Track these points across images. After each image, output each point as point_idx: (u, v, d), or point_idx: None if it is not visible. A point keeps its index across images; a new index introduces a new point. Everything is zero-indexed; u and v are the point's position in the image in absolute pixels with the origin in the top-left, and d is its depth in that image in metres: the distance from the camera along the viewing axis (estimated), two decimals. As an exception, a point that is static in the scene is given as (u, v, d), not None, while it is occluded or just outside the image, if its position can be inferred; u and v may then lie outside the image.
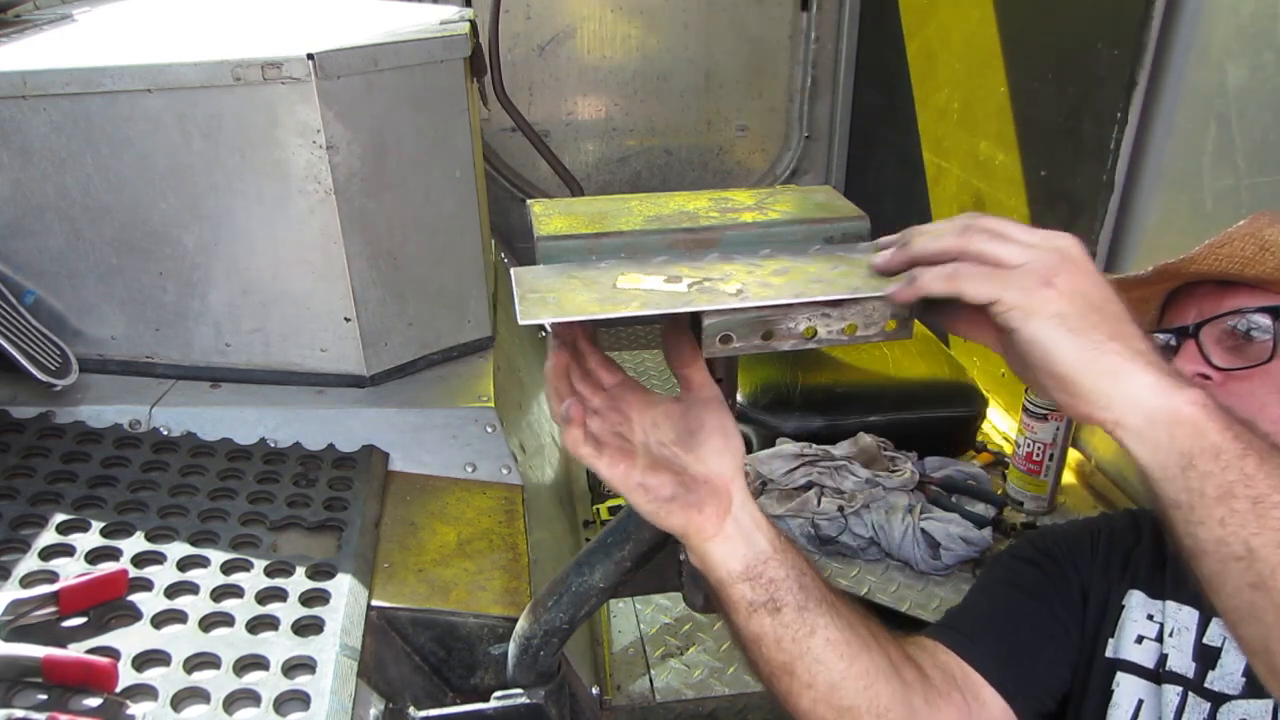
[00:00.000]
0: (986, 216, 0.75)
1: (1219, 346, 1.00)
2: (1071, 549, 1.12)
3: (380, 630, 1.15)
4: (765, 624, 0.86)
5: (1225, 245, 1.00)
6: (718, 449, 0.84)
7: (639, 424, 0.85)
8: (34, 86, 1.32)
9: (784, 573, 0.86)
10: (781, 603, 0.85)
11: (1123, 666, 1.04)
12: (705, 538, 0.84)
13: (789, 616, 0.86)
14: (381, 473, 1.40)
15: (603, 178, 3.41)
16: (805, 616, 0.86)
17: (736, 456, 0.86)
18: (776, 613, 0.85)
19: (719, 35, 3.29)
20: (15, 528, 1.14)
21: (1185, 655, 1.01)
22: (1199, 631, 1.02)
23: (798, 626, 0.86)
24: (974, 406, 2.30)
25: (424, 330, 1.57)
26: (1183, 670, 1.01)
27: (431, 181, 1.51)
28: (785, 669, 0.88)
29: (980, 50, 2.49)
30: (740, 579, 0.85)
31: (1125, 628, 1.06)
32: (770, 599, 0.85)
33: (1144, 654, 1.04)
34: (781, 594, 0.85)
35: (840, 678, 0.88)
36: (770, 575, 0.85)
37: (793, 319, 0.77)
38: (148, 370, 1.49)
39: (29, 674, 0.90)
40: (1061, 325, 0.69)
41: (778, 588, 0.85)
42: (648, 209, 0.89)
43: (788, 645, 0.86)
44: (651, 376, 2.88)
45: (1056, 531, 1.17)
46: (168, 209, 1.39)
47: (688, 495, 0.82)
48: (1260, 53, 1.68)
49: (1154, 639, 1.04)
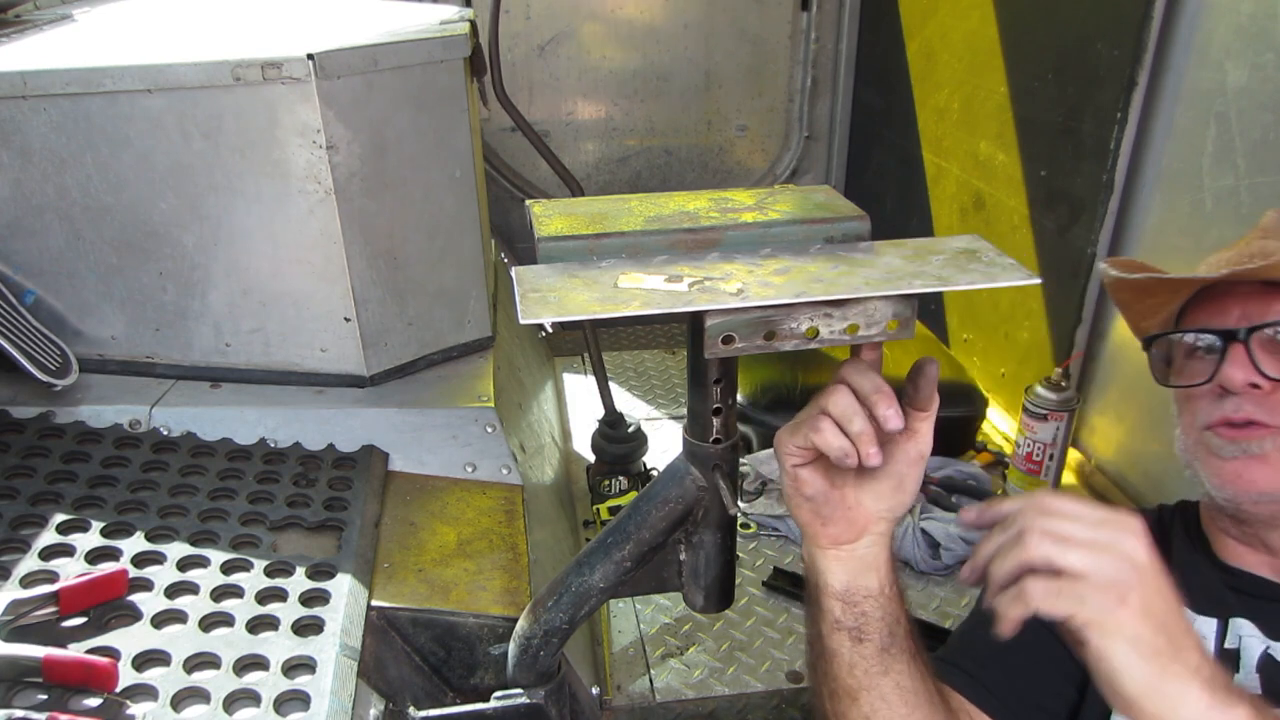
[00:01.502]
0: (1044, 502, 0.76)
1: (1266, 353, 0.97)
2: None
3: (380, 630, 1.15)
4: (845, 645, 0.89)
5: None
6: (883, 495, 0.88)
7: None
8: (34, 86, 1.32)
9: (880, 613, 0.89)
10: (867, 636, 0.89)
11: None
12: (818, 546, 0.89)
13: (869, 650, 0.89)
14: (381, 473, 1.40)
15: (603, 178, 3.41)
16: (884, 658, 0.89)
17: (895, 510, 0.89)
18: (859, 642, 0.89)
19: (719, 35, 3.29)
20: (15, 528, 1.14)
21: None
22: (1219, 639, 1.01)
23: (874, 661, 0.89)
24: (974, 406, 2.30)
25: (424, 330, 1.57)
26: None
27: (431, 181, 1.51)
28: (849, 694, 0.90)
29: (980, 50, 2.49)
30: (836, 596, 0.89)
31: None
32: (858, 628, 0.89)
33: None
34: (870, 628, 0.89)
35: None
36: (865, 609, 0.89)
37: (794, 319, 0.77)
38: (148, 370, 1.49)
39: (29, 674, 0.90)
40: (1133, 650, 0.71)
41: (868, 621, 0.89)
42: (648, 209, 0.89)
43: (860, 675, 0.89)
44: (651, 376, 2.88)
45: None
46: (168, 209, 1.39)
47: (823, 507, 0.86)
48: (1260, 53, 1.68)
49: None
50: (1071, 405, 2.04)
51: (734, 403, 0.94)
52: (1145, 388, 1.99)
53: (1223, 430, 0.99)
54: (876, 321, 0.78)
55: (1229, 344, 0.99)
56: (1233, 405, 0.98)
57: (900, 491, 0.88)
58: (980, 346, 2.62)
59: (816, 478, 0.86)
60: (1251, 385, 0.97)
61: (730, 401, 0.93)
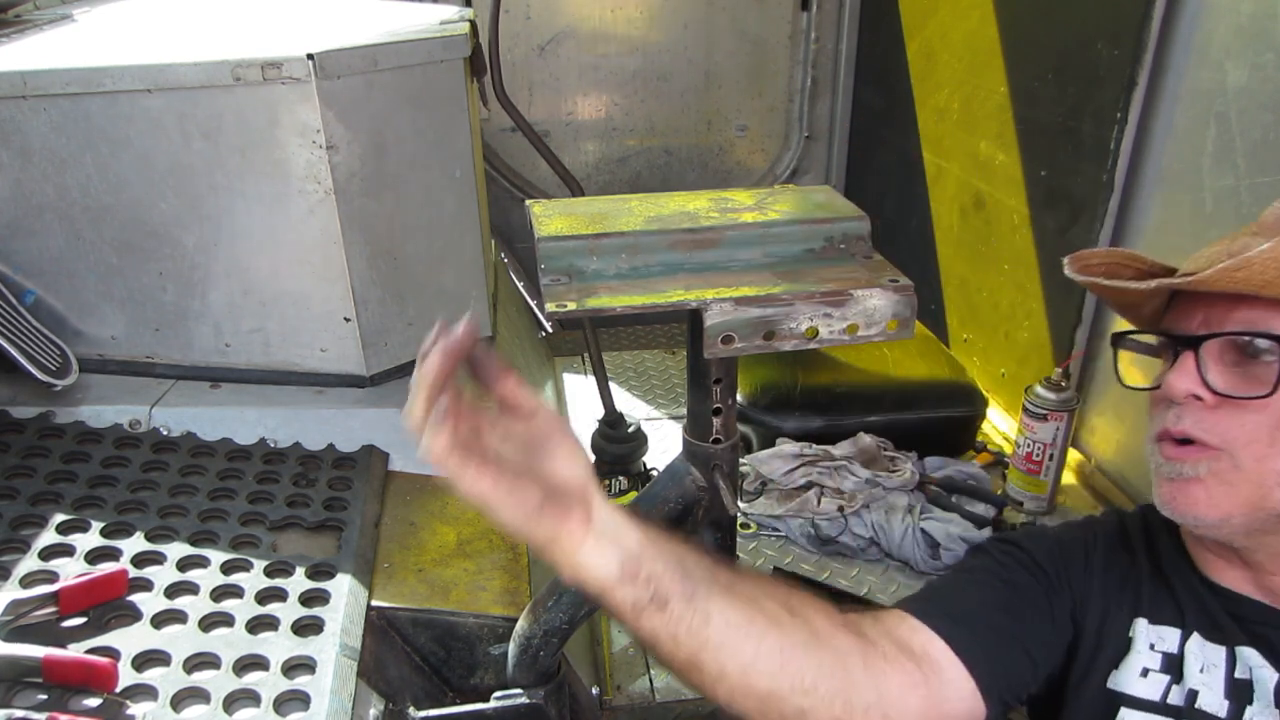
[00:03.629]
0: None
1: (1219, 364, 0.92)
2: (1065, 560, 1.07)
3: (380, 630, 1.15)
4: (656, 622, 0.82)
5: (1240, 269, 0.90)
6: (567, 455, 0.81)
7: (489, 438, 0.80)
8: (34, 86, 1.33)
9: (661, 565, 0.82)
10: (666, 596, 0.82)
11: (1126, 701, 1.00)
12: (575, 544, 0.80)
13: (678, 609, 0.82)
14: (381, 473, 1.40)
15: (603, 178, 3.41)
16: (696, 604, 0.82)
17: (585, 460, 0.83)
18: (664, 608, 0.81)
19: (719, 35, 3.29)
20: (15, 528, 1.14)
21: (1217, 694, 0.97)
22: (1229, 668, 0.98)
23: (690, 617, 0.82)
24: (974, 406, 2.30)
25: (424, 330, 1.54)
26: (1215, 709, 0.97)
27: (431, 181, 1.51)
28: (691, 665, 0.84)
29: (980, 50, 2.49)
30: (619, 582, 0.81)
31: (1130, 660, 1.01)
32: (654, 595, 0.81)
33: (1149, 688, 1.00)
34: (664, 588, 0.82)
35: (750, 660, 0.84)
36: (647, 571, 0.81)
37: (794, 319, 0.77)
38: (148, 370, 1.49)
39: (29, 674, 0.90)
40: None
41: (658, 582, 0.81)
42: (648, 209, 0.89)
43: (684, 639, 0.83)
44: (651, 376, 2.88)
45: (1046, 541, 1.11)
46: (168, 209, 1.39)
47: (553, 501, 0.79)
48: (1260, 53, 1.68)
49: (1159, 670, 1.00)
50: (1071, 405, 2.04)
51: (734, 403, 0.94)
52: (1145, 388, 1.99)
53: (1164, 446, 0.96)
54: (876, 321, 0.78)
55: (1181, 350, 0.95)
56: (1173, 416, 0.94)
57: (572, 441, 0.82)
58: (980, 346, 2.62)
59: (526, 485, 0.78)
60: (1194, 397, 0.92)
61: (730, 401, 0.93)
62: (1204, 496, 0.92)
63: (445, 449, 0.75)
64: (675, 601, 0.82)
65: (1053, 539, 1.12)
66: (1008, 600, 1.04)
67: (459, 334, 0.78)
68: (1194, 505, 0.93)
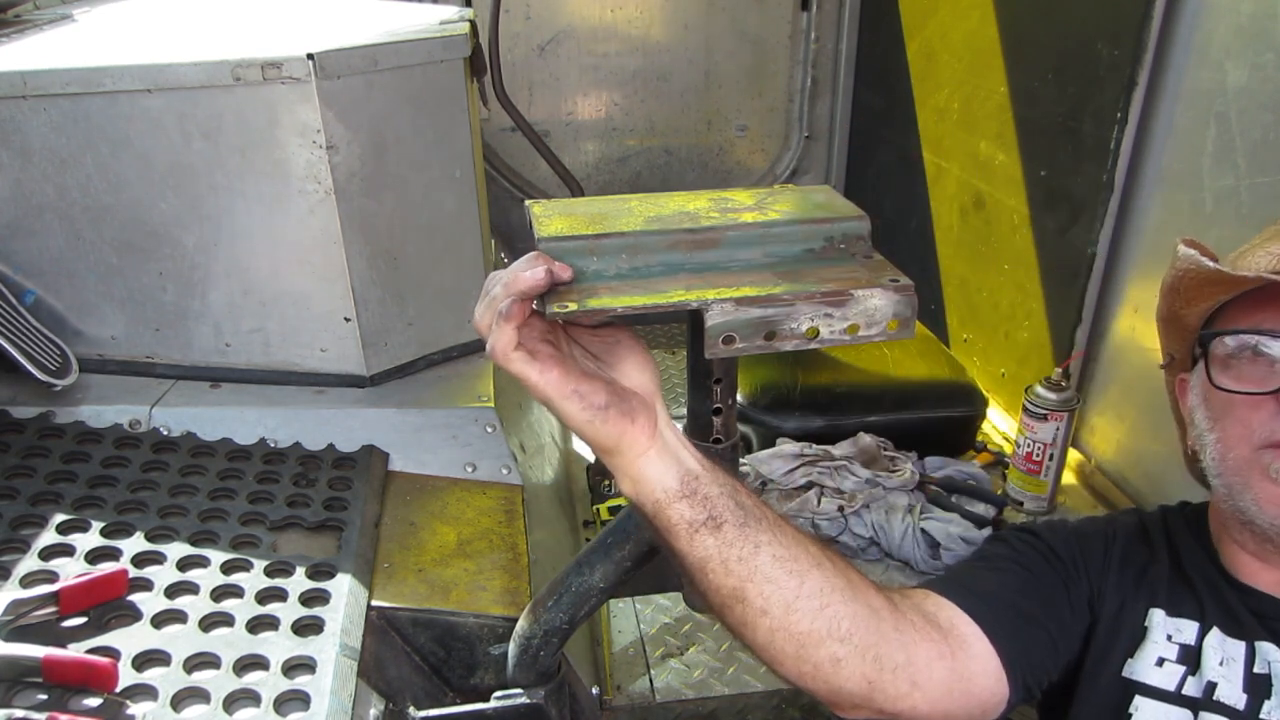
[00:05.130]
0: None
1: None
2: (1084, 552, 1.08)
3: (380, 630, 1.15)
4: (709, 544, 0.82)
5: None
6: (639, 364, 0.83)
7: (564, 341, 0.82)
8: (34, 86, 1.32)
9: (718, 489, 0.83)
10: (721, 519, 0.82)
11: (1141, 690, 1.01)
12: (639, 452, 0.81)
13: (731, 534, 0.82)
14: (381, 473, 1.40)
15: (603, 178, 3.41)
16: (748, 532, 0.83)
17: (655, 373, 0.84)
18: (718, 530, 0.82)
19: (719, 35, 3.29)
20: (15, 528, 1.14)
21: (1236, 686, 0.97)
22: (1248, 662, 0.98)
23: (742, 544, 0.82)
24: (974, 406, 2.30)
25: (424, 330, 1.57)
26: (1233, 702, 0.97)
27: (431, 181, 1.51)
28: (736, 594, 0.84)
29: (980, 50, 2.49)
30: (677, 497, 0.81)
31: (1146, 649, 1.02)
32: (710, 516, 0.81)
33: (1164, 677, 1.00)
34: (720, 510, 0.82)
35: (793, 597, 0.84)
36: (705, 491, 0.82)
37: (795, 319, 0.77)
38: (148, 370, 1.49)
39: (29, 674, 0.90)
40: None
41: (714, 504, 0.82)
42: (648, 209, 0.89)
43: (734, 566, 0.83)
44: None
45: (1064, 531, 1.12)
46: (168, 209, 1.39)
47: (621, 404, 0.79)
48: (1260, 53, 1.68)
49: (1175, 660, 1.01)
50: (1071, 405, 2.04)
51: (734, 403, 0.94)
52: (1145, 388, 1.99)
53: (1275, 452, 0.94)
54: (877, 321, 0.78)
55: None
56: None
57: (644, 353, 0.84)
58: (980, 346, 2.62)
59: (594, 384, 0.79)
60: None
61: (730, 401, 0.93)
62: None
63: (508, 345, 0.76)
64: (729, 526, 0.82)
65: (1071, 530, 1.12)
66: (1029, 585, 1.05)
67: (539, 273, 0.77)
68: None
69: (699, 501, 0.82)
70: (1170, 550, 1.08)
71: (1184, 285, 1.03)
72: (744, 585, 0.83)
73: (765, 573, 0.83)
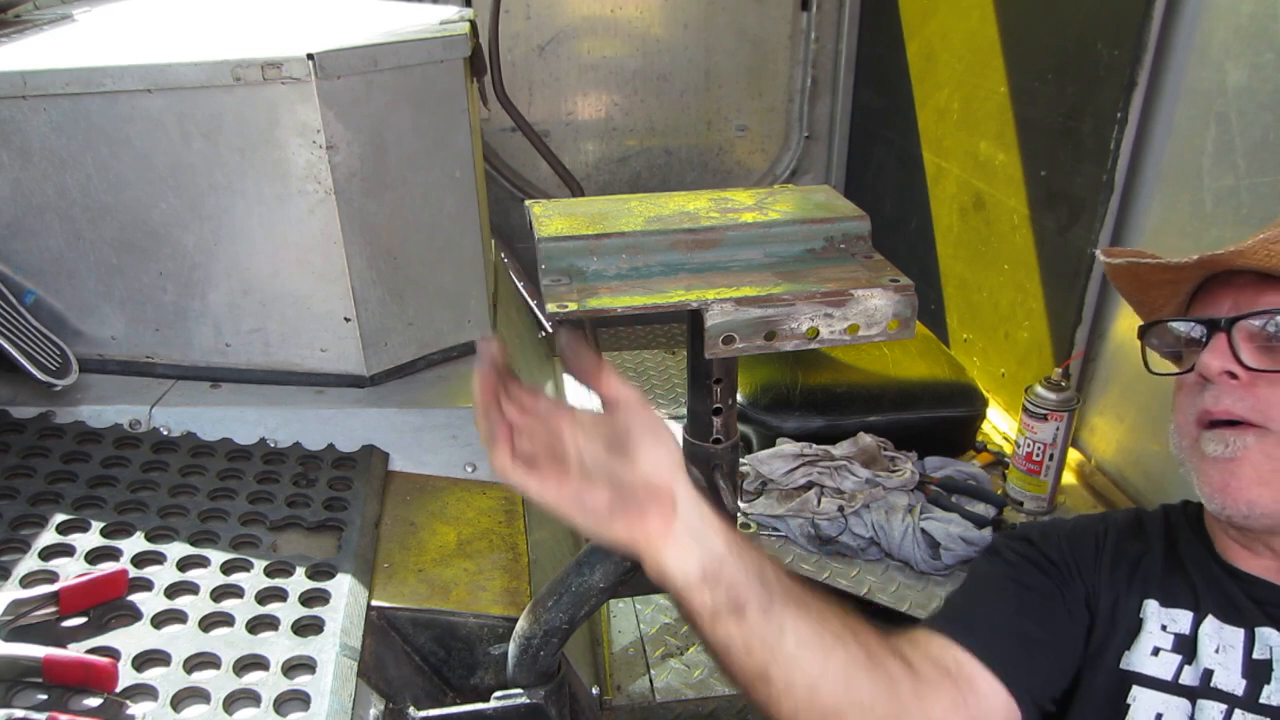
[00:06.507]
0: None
1: (1251, 344, 0.95)
2: (1075, 553, 1.09)
3: (380, 630, 1.15)
4: (731, 630, 0.82)
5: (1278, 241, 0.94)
6: (651, 450, 0.81)
7: (570, 440, 0.81)
8: (34, 86, 1.32)
9: (743, 573, 0.82)
10: (744, 604, 0.81)
11: (1138, 680, 1.01)
12: (655, 545, 0.80)
13: (754, 619, 0.82)
14: (381, 473, 1.40)
15: (603, 178, 3.41)
16: (771, 617, 0.83)
17: (672, 454, 0.82)
18: (741, 616, 0.81)
19: (719, 35, 3.29)
20: (15, 528, 1.14)
21: (1234, 673, 0.98)
22: (1247, 648, 0.99)
23: (765, 629, 0.82)
24: (974, 406, 2.30)
25: (424, 330, 1.57)
26: (1231, 688, 0.97)
27: (431, 181, 1.51)
28: (760, 676, 0.84)
29: (980, 50, 2.49)
30: (699, 584, 0.81)
31: (1141, 640, 1.03)
32: (732, 602, 0.81)
33: (1161, 667, 1.01)
34: (743, 595, 0.81)
35: (818, 677, 0.85)
36: (729, 577, 0.81)
37: (795, 319, 0.77)
38: (148, 370, 1.49)
39: (29, 674, 0.90)
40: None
41: (738, 590, 0.81)
42: (648, 209, 0.89)
43: (758, 651, 0.83)
44: (651, 376, 2.88)
45: (1056, 533, 1.13)
46: (168, 209, 1.39)
47: (627, 504, 0.78)
48: (1260, 53, 1.68)
49: (1170, 650, 1.01)
50: (1071, 405, 2.04)
51: (734, 403, 0.94)
52: (1145, 388, 1.99)
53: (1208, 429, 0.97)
54: (877, 321, 0.78)
55: (1213, 332, 0.97)
56: (1211, 396, 0.96)
57: (659, 435, 0.82)
58: (980, 346, 2.62)
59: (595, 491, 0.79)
60: (1228, 374, 0.94)
61: (730, 401, 0.93)
62: (1253, 476, 0.94)
63: (505, 464, 0.77)
64: (752, 610, 0.82)
65: (1065, 531, 1.14)
66: (1026, 603, 1.06)
67: (481, 360, 0.79)
68: (1245, 489, 0.94)
69: (722, 588, 0.81)
70: (1167, 543, 1.09)
71: (1129, 290, 1.09)
72: (768, 668, 0.84)
73: (789, 654, 0.84)
